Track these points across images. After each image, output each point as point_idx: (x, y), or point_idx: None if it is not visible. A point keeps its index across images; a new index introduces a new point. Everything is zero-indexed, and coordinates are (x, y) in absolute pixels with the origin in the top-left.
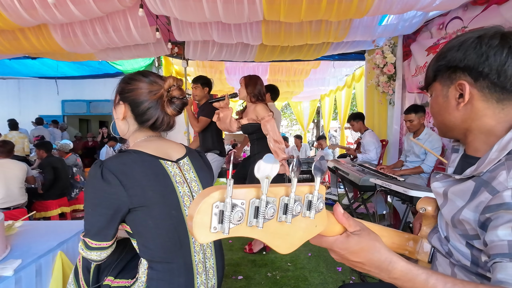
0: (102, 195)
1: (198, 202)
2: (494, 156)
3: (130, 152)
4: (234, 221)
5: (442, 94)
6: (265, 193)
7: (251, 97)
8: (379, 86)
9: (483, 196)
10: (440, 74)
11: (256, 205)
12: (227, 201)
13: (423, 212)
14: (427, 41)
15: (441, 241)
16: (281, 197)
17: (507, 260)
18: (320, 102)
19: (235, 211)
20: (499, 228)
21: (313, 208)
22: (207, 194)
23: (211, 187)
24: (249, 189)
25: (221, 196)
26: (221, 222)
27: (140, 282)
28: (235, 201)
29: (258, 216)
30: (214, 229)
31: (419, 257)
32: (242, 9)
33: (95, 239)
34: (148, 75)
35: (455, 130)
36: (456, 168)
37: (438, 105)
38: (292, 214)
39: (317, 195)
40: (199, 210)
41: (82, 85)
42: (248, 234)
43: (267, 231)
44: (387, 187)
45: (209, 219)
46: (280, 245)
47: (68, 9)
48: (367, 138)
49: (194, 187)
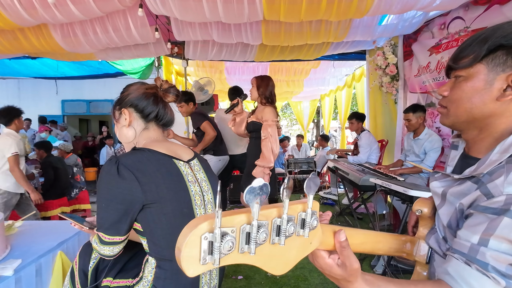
0: (117, 191)
1: (186, 234)
2: (495, 157)
3: (144, 150)
4: (225, 251)
5: (486, 80)
6: (256, 218)
7: (262, 98)
8: (383, 86)
9: (477, 196)
10: (491, 55)
11: (247, 231)
12: (216, 232)
13: (419, 214)
14: (429, 41)
15: (439, 242)
16: (273, 219)
17: (462, 260)
18: (320, 102)
19: (225, 240)
20: (472, 229)
21: (307, 227)
22: (195, 226)
23: (199, 217)
24: (239, 215)
25: (210, 226)
26: (211, 253)
27: (145, 281)
28: (225, 229)
29: (249, 242)
30: (203, 261)
31: (417, 259)
32: (242, 9)
33: (108, 233)
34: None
35: (475, 122)
36: (455, 167)
37: (473, 90)
38: (286, 235)
39: (310, 213)
40: (187, 243)
41: (82, 85)
42: (240, 261)
43: (260, 255)
44: (387, 187)
45: (198, 251)
46: (274, 267)
47: (68, 9)
48: (362, 139)
49: (204, 186)
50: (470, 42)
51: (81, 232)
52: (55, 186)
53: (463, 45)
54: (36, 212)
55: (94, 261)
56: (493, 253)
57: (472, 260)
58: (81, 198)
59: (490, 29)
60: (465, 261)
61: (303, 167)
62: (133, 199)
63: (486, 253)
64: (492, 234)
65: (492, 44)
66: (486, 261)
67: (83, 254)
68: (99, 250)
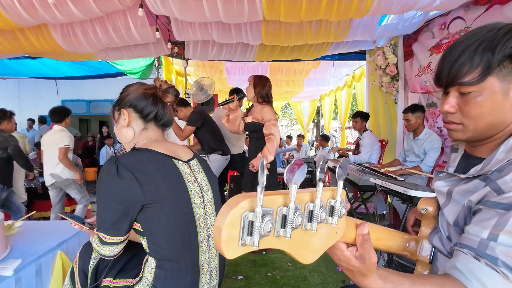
0: (116, 191)
1: (226, 213)
2: (501, 156)
3: (143, 150)
4: (264, 232)
5: (502, 91)
6: (293, 200)
7: (259, 97)
8: (383, 86)
9: (487, 192)
10: (499, 66)
11: (284, 213)
12: (257, 211)
13: (424, 212)
14: (429, 41)
15: (442, 241)
16: (306, 204)
17: (471, 255)
18: (320, 102)
19: (265, 221)
20: (481, 224)
21: (335, 214)
22: (236, 204)
23: (238, 195)
24: (276, 196)
25: (250, 205)
26: (250, 234)
27: (145, 281)
28: (264, 210)
29: (285, 225)
30: (243, 242)
31: (420, 258)
32: (242, 9)
33: (108, 233)
34: (136, 83)
35: (494, 131)
36: (457, 168)
37: (493, 104)
38: (318, 221)
39: (339, 200)
40: (228, 222)
41: (82, 85)
42: (275, 246)
43: (293, 240)
44: (387, 187)
45: (239, 231)
46: (304, 254)
47: (68, 9)
48: (365, 139)
49: (204, 186)
50: (465, 53)
51: (81, 232)
52: None
53: (455, 56)
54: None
55: (94, 261)
56: (502, 247)
57: (481, 255)
58: None
59: (485, 36)
60: (474, 256)
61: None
62: (133, 199)
63: (496, 248)
64: (502, 229)
65: (502, 56)
66: (496, 256)
67: (83, 254)
68: (99, 250)
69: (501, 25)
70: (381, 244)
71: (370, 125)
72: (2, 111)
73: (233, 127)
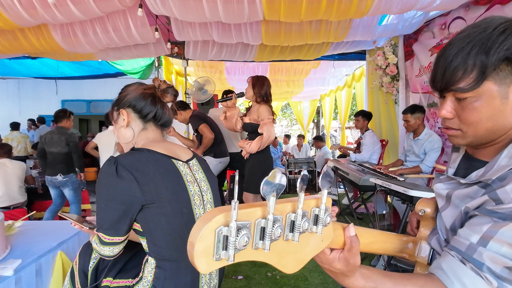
0: (116, 191)
1: (200, 228)
2: (504, 162)
3: (143, 150)
4: (240, 246)
5: (500, 95)
6: (271, 212)
7: (257, 97)
8: (383, 86)
9: (485, 200)
10: (495, 69)
11: (262, 226)
12: (231, 226)
13: (422, 214)
14: (430, 41)
15: (440, 243)
16: (287, 214)
17: (458, 258)
18: (320, 102)
19: (240, 235)
20: (473, 228)
21: (320, 223)
22: (210, 219)
23: (214, 210)
24: (255, 209)
25: (225, 219)
26: (225, 248)
27: (145, 281)
28: (241, 223)
29: (264, 237)
30: (217, 256)
31: (418, 259)
32: (242, 9)
33: (108, 233)
34: (134, 83)
35: (494, 135)
36: (458, 169)
37: (492, 109)
38: (300, 231)
39: (324, 209)
40: (201, 237)
41: (82, 85)
42: (254, 258)
43: (273, 252)
44: (387, 187)
45: (213, 246)
46: (286, 264)
47: (68, 9)
48: (367, 138)
49: (204, 186)
50: (458, 56)
51: (81, 232)
52: None
53: (448, 60)
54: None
55: (94, 261)
56: (490, 253)
57: (468, 259)
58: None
59: (479, 37)
60: (461, 259)
61: (303, 167)
62: (132, 199)
63: (484, 253)
64: (493, 236)
65: (497, 59)
66: (482, 261)
67: (83, 254)
68: (99, 250)
69: (496, 23)
70: (376, 248)
71: (370, 125)
72: (62, 110)
73: (229, 124)
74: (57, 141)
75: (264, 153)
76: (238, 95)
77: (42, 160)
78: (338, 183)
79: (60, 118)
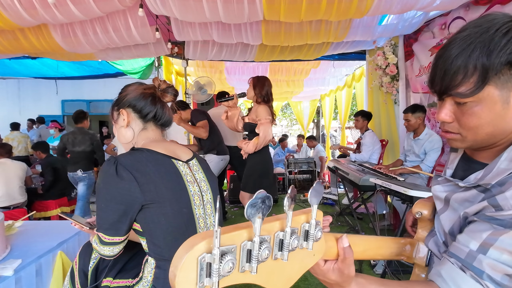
0: (116, 191)
1: (181, 257)
2: (503, 165)
3: (142, 150)
4: (224, 272)
5: (501, 100)
6: (257, 235)
7: (258, 97)
8: (383, 86)
9: (484, 206)
10: (497, 74)
11: (249, 248)
12: (214, 253)
13: (419, 216)
14: (430, 41)
15: (438, 245)
16: (275, 233)
17: (458, 266)
18: (320, 102)
19: (224, 261)
20: (473, 234)
21: (310, 239)
22: (191, 247)
23: (195, 236)
24: (239, 232)
25: (207, 246)
26: (208, 275)
27: (145, 281)
28: (224, 248)
29: (251, 260)
30: (201, 284)
31: (416, 261)
32: (242, 9)
33: (108, 233)
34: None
35: (495, 139)
36: (456, 170)
37: (493, 114)
38: (289, 249)
39: (314, 224)
40: (182, 267)
41: (82, 85)
42: (241, 281)
43: (261, 272)
44: (387, 187)
45: (195, 275)
46: (276, 283)
47: (68, 9)
48: (367, 138)
49: (203, 186)
50: (459, 58)
51: (81, 232)
52: (54, 187)
53: (448, 62)
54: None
55: (94, 261)
56: (490, 261)
57: (468, 266)
58: None
59: (480, 38)
60: (461, 267)
61: (303, 167)
62: (132, 199)
63: (483, 261)
64: (493, 244)
65: (499, 64)
66: (482, 269)
67: (83, 254)
68: (99, 250)
69: (499, 22)
70: (371, 254)
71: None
72: (81, 112)
73: (231, 123)
74: (81, 141)
75: (262, 153)
76: (239, 95)
77: (62, 158)
78: (338, 183)
79: (80, 119)
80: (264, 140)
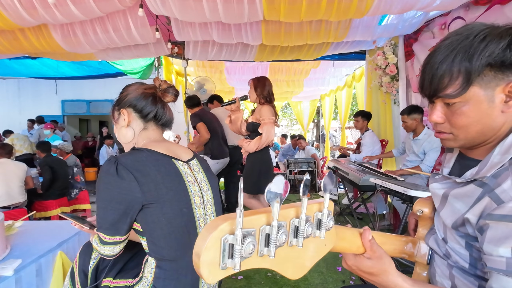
0: (116, 191)
1: (205, 237)
2: (496, 159)
3: (143, 150)
4: (246, 254)
5: (486, 99)
6: (276, 219)
7: (261, 98)
8: (382, 86)
9: (487, 203)
10: (479, 75)
11: (267, 232)
12: (237, 234)
13: (420, 214)
14: (430, 41)
15: (438, 243)
16: (291, 220)
17: (503, 274)
18: (320, 102)
19: (246, 243)
20: (499, 243)
21: (323, 227)
22: (215, 227)
23: (217, 218)
24: (259, 216)
25: (230, 227)
26: (231, 257)
27: (145, 281)
28: (245, 231)
29: (269, 244)
30: (224, 265)
31: (418, 259)
32: (242, 9)
33: (108, 233)
34: (135, 83)
35: (485, 136)
36: (453, 169)
37: (480, 113)
38: (304, 236)
39: (327, 213)
40: (207, 247)
41: (81, 85)
42: (259, 265)
43: (278, 258)
44: (387, 187)
45: (219, 255)
46: (291, 270)
47: (68, 9)
48: (366, 138)
49: (204, 186)
50: (443, 64)
51: (81, 232)
52: (54, 186)
53: (434, 68)
54: None
55: (94, 261)
56: None
57: None
58: (81, 198)
59: (461, 45)
60: (506, 274)
61: (303, 167)
62: (132, 199)
63: None
64: None
65: (480, 65)
66: None
67: (83, 254)
68: (100, 250)
69: (477, 30)
70: None
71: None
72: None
73: (235, 127)
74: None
75: (262, 153)
76: (241, 98)
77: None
78: (338, 183)
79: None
80: (266, 140)
